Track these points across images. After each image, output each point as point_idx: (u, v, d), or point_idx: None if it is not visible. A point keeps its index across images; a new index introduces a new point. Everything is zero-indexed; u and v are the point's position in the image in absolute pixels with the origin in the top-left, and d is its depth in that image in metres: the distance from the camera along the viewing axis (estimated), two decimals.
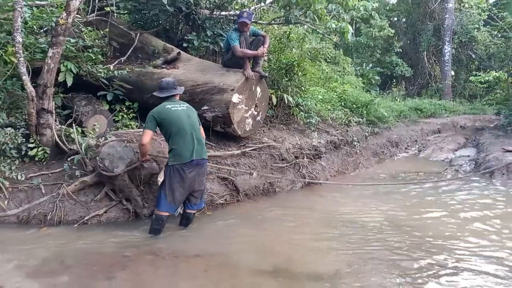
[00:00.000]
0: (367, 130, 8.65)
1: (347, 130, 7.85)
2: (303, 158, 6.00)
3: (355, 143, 7.78)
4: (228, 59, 5.37)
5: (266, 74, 5.66)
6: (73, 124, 4.56)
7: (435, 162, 8.70)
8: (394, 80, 16.75)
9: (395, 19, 18.69)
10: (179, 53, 5.92)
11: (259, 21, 7.44)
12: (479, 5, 18.04)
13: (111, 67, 5.47)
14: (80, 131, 4.55)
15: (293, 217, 4.48)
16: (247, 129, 5.30)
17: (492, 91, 12.43)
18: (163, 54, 6.01)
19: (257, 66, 5.36)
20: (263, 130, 5.96)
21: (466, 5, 18.03)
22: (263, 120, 5.72)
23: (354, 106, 9.06)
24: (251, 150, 5.27)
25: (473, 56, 18.09)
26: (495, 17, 16.94)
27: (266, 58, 5.94)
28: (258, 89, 5.40)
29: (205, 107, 5.06)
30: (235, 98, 4.93)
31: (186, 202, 3.81)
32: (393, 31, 15.67)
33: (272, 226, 4.19)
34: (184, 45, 6.46)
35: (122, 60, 5.89)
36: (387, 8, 18.67)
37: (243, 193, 4.85)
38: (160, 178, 3.78)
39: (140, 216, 4.07)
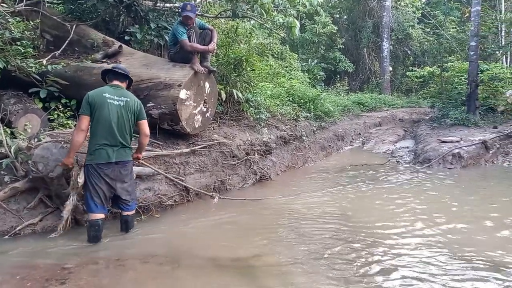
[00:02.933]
0: (314, 125, 8.84)
1: (296, 125, 7.95)
2: (254, 155, 5.96)
3: (304, 138, 7.91)
4: (175, 53, 5.14)
5: (215, 69, 5.51)
6: (0, 125, 4.09)
7: (378, 154, 9.12)
8: (338, 76, 17.33)
9: (338, 16, 19.29)
10: (120, 47, 5.56)
11: (205, 15, 7.23)
12: (414, 3, 19.20)
13: (44, 61, 5.01)
14: (9, 132, 4.10)
15: (244, 213, 4.42)
16: (196, 126, 5.13)
17: (427, 85, 13.29)
18: (103, 48, 5.61)
19: (205, 61, 5.19)
20: (213, 127, 5.82)
21: (402, 3, 19.10)
22: (212, 116, 5.57)
23: (302, 101, 9.21)
24: (201, 148, 5.10)
25: (409, 52, 19.26)
26: (428, 15, 18.14)
27: (214, 52, 5.79)
28: (207, 85, 5.24)
29: (151, 104, 4.80)
30: (183, 94, 4.73)
31: (120, 205, 3.58)
32: (336, 28, 16.17)
33: (223, 224, 4.09)
34: (126, 38, 6.09)
35: (57, 54, 5.43)
36: (330, 5, 19.24)
37: (194, 193, 4.69)
38: (81, 179, 3.52)
39: (81, 223, 3.76)
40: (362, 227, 4.00)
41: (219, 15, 7.33)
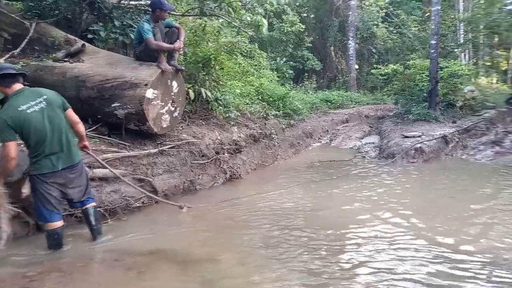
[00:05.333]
0: (284, 123, 8.95)
1: (265, 123, 8.01)
2: (224, 153, 5.96)
3: (274, 136, 7.98)
4: (141, 51, 5.04)
5: (183, 68, 5.45)
6: None
7: (345, 150, 9.36)
8: (306, 74, 17.57)
9: (305, 15, 19.53)
10: (83, 45, 5.39)
11: (172, 13, 7.12)
12: (378, 3, 19.75)
13: (2, 60, 4.78)
14: None
15: (214, 213, 4.41)
16: (164, 126, 5.06)
17: (391, 83, 13.70)
18: (65, 46, 5.43)
19: (172, 59, 5.12)
20: (182, 127, 5.76)
21: (367, 3, 19.61)
22: (181, 116, 5.51)
23: (271, 99, 9.29)
24: (169, 148, 5.04)
25: (374, 50, 19.80)
26: (391, 14, 18.72)
27: (182, 51, 5.74)
28: (175, 84, 5.17)
29: (116, 104, 4.69)
30: (150, 93, 4.66)
31: (76, 204, 3.40)
32: (303, 26, 16.37)
33: (193, 225, 4.06)
34: (90, 36, 5.91)
35: (15, 53, 5.20)
36: (297, 4, 19.44)
37: (162, 194, 4.63)
38: (26, 190, 3.34)
39: (43, 230, 3.61)
40: (330, 222, 4.11)
41: (186, 13, 7.25)
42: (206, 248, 3.42)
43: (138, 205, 4.34)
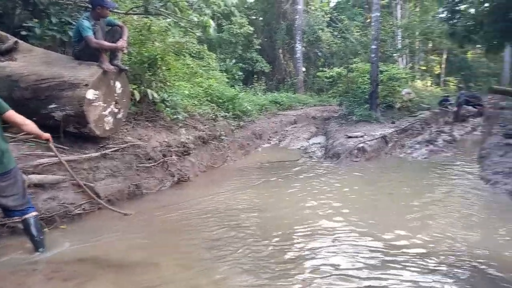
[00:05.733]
0: (233, 124, 8.97)
1: (214, 125, 7.97)
2: (172, 156, 5.84)
3: (223, 137, 7.97)
4: (80, 50, 4.80)
5: (127, 68, 5.25)
6: None
7: (293, 150, 9.58)
8: (255, 76, 17.75)
9: (254, 17, 19.74)
10: (16, 43, 5.00)
11: (115, 10, 6.85)
12: (323, 8, 20.48)
13: None
14: None
15: (159, 218, 4.31)
16: (107, 128, 4.85)
17: (335, 85, 14.28)
18: None
19: (115, 59, 4.93)
20: (126, 129, 5.55)
21: (312, 8, 20.25)
22: (125, 117, 5.32)
23: (220, 101, 9.27)
24: (112, 151, 4.84)
25: (319, 54, 20.49)
26: (335, 19, 19.49)
27: (126, 51, 5.53)
28: (118, 84, 4.99)
29: (53, 105, 4.43)
30: (90, 94, 4.44)
31: (11, 213, 3.19)
32: (252, 28, 16.53)
33: (136, 231, 3.91)
34: (23, 33, 5.50)
35: None
36: (246, 6, 19.58)
37: (105, 200, 4.43)
38: None
39: None
40: (276, 222, 4.18)
41: (130, 12, 7.00)
42: (149, 254, 3.32)
43: (78, 212, 4.11)
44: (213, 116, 8.18)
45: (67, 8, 6.06)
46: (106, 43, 4.71)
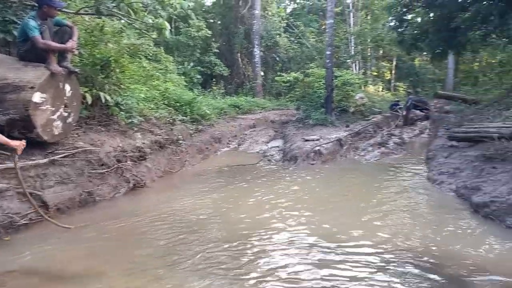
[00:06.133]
0: (191, 128, 8.86)
1: (172, 129, 7.83)
2: (126, 161, 5.66)
3: (181, 142, 7.84)
4: (26, 51, 4.53)
5: (77, 70, 5.02)
6: None
7: (252, 154, 9.63)
8: (214, 79, 17.69)
9: (212, 20, 19.68)
10: None
11: (64, 10, 6.54)
12: (280, 13, 20.84)
13: None
14: None
15: (113, 227, 4.15)
16: (56, 133, 4.61)
17: (293, 89, 14.56)
18: None
19: (64, 60, 4.70)
20: (77, 134, 5.30)
21: (269, 13, 20.56)
22: (76, 122, 5.09)
23: (178, 104, 9.14)
24: (61, 157, 4.60)
25: (277, 58, 20.82)
26: (292, 25, 19.90)
27: (77, 52, 5.29)
28: (68, 87, 4.76)
29: None
30: (37, 97, 4.21)
31: None
32: (210, 32, 16.47)
33: (84, 240, 3.74)
34: None
35: None
36: (204, 9, 19.49)
37: (55, 208, 4.20)
38: None
39: None
40: (232, 226, 4.18)
41: (80, 11, 6.72)
42: (98, 264, 3.19)
43: (25, 222, 3.86)
44: (171, 120, 8.03)
45: (11, 6, 5.70)
46: (54, 44, 4.48)
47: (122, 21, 7.83)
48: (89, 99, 5.46)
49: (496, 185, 4.72)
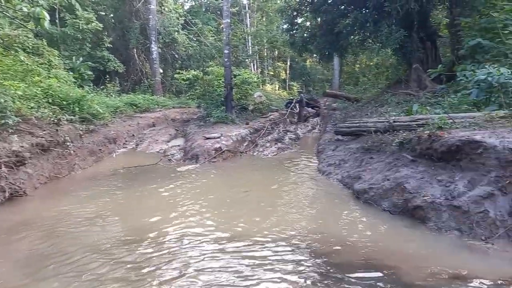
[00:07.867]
0: (81, 128, 8.15)
1: (57, 130, 7.08)
2: (1, 168, 4.96)
3: (68, 143, 7.15)
4: None
5: None
6: None
7: (152, 154, 9.29)
8: (108, 76, 16.54)
9: (103, 13, 18.33)
10: None
11: None
12: (177, 10, 20.44)
13: None
14: None
15: None
16: None
17: (193, 87, 14.45)
18: None
19: None
20: None
21: (166, 9, 20.01)
22: None
23: (64, 102, 8.32)
24: None
25: (176, 55, 20.41)
26: (190, 22, 19.69)
27: None
28: None
29: None
30: None
31: None
32: (101, 25, 15.34)
33: None
34: None
35: None
36: (93, 0, 18.05)
37: None
38: None
39: None
40: (126, 229, 4.01)
41: None
42: None
43: None
44: (55, 120, 7.26)
45: None
46: None
47: None
48: None
49: (373, 173, 5.36)
